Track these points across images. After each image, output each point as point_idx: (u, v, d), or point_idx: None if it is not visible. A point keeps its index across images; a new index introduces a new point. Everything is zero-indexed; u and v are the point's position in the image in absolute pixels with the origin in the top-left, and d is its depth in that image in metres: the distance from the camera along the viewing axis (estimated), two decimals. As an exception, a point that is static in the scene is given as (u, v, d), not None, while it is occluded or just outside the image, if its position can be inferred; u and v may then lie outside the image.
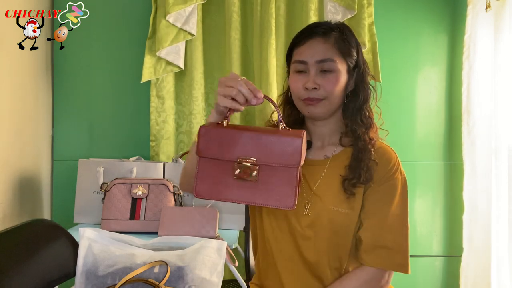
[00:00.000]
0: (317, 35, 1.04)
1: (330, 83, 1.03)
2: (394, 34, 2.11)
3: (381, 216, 1.05)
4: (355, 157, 1.06)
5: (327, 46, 1.03)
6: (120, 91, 2.09)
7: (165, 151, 2.01)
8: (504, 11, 1.77)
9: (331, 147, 1.12)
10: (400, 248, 1.04)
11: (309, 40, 1.05)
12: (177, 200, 1.74)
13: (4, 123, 1.66)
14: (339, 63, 1.04)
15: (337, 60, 1.03)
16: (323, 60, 1.03)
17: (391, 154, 1.09)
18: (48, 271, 1.23)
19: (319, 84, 1.03)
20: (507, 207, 1.77)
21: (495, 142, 1.84)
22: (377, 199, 1.05)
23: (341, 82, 1.04)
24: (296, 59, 1.06)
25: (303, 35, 1.07)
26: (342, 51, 1.04)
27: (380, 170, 1.05)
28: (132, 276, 1.23)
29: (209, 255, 1.33)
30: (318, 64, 1.03)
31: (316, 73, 1.03)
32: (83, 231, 1.33)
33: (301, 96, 1.05)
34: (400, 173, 1.07)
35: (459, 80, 2.03)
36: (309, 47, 1.04)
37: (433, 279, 2.15)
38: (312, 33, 1.05)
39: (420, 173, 2.12)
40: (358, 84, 1.09)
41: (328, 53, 1.03)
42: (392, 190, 1.06)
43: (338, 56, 1.04)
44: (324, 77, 1.03)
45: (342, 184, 1.04)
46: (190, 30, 1.94)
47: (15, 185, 1.74)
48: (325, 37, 1.04)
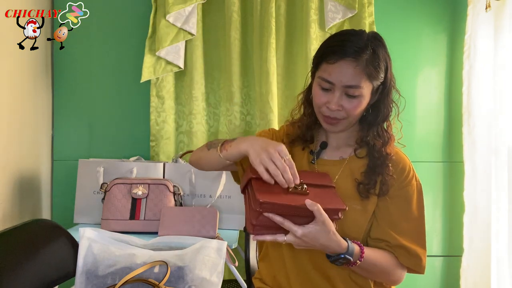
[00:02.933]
0: (349, 56, 1.00)
1: (353, 107, 1.04)
2: (394, 34, 2.11)
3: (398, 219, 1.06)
4: (371, 168, 1.07)
5: (356, 71, 1.01)
6: (120, 91, 2.08)
7: (165, 151, 2.01)
8: (504, 11, 1.77)
9: (347, 149, 1.13)
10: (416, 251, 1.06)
11: (340, 60, 1.01)
12: (177, 200, 1.74)
13: (4, 123, 1.66)
14: (365, 87, 1.03)
15: (363, 86, 1.02)
16: (351, 86, 1.02)
17: (405, 161, 1.11)
18: (48, 271, 1.23)
19: (342, 106, 1.04)
20: (507, 207, 1.77)
21: (495, 142, 1.84)
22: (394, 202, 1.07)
23: (363, 104, 1.05)
24: (323, 77, 1.04)
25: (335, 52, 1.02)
26: (370, 75, 1.02)
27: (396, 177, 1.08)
28: (132, 276, 1.23)
29: (209, 255, 1.33)
30: (344, 88, 1.03)
31: (341, 96, 1.03)
32: (83, 231, 1.33)
33: (323, 112, 1.07)
34: (415, 180, 1.11)
35: (459, 80, 2.03)
36: (339, 68, 1.01)
37: (433, 279, 2.15)
38: (345, 53, 1.01)
39: (420, 173, 2.08)
40: (380, 100, 1.09)
41: (357, 79, 1.01)
42: (409, 195, 1.08)
43: (365, 80, 1.02)
44: (348, 100, 1.03)
45: (357, 187, 1.06)
46: (190, 30, 1.94)
47: (15, 185, 1.74)
48: (356, 60, 1.00)
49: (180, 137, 2.07)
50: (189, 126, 2.04)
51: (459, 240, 2.01)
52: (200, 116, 2.04)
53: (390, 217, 1.06)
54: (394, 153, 1.10)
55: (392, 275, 1.07)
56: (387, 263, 1.06)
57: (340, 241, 0.97)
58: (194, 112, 2.02)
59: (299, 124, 1.18)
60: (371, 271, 1.05)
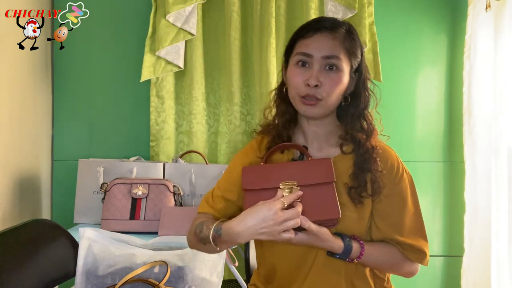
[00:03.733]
0: (325, 29, 0.99)
1: (333, 82, 0.98)
2: (394, 34, 2.11)
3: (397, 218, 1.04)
4: (358, 166, 1.03)
5: (335, 42, 0.99)
6: (120, 91, 2.08)
7: (165, 151, 2.01)
8: (504, 11, 1.77)
9: (329, 150, 1.08)
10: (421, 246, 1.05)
11: (317, 33, 0.99)
12: (177, 200, 1.74)
13: (4, 123, 1.66)
14: (344, 62, 0.99)
15: (343, 59, 0.99)
16: (330, 56, 0.98)
17: (393, 156, 1.07)
18: (48, 271, 1.23)
19: (321, 82, 0.98)
20: (507, 207, 1.77)
21: (495, 142, 1.84)
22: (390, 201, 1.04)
23: (343, 82, 1.00)
24: (300, 51, 1.00)
25: (310, 26, 1.01)
26: (349, 50, 1.00)
27: (387, 175, 1.04)
28: (132, 276, 1.23)
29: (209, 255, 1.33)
30: (323, 60, 0.98)
31: (320, 69, 0.98)
32: (83, 231, 1.33)
33: (301, 93, 1.00)
34: (406, 173, 1.07)
35: (459, 80, 2.03)
36: (316, 40, 0.99)
37: (433, 279, 2.15)
38: (321, 26, 1.00)
39: (420, 173, 2.12)
40: (359, 88, 1.05)
41: (336, 50, 0.98)
42: (403, 190, 1.05)
43: (344, 54, 0.99)
44: (327, 75, 0.98)
45: (348, 192, 1.02)
46: (190, 30, 1.94)
47: (15, 185, 1.73)
48: (334, 32, 0.99)
49: (180, 137, 2.06)
50: (189, 126, 2.04)
51: (460, 240, 2.01)
52: (200, 116, 2.04)
53: (389, 218, 1.04)
54: (382, 148, 1.06)
55: (402, 268, 1.07)
56: (392, 257, 1.05)
57: (334, 243, 0.97)
58: (194, 112, 2.02)
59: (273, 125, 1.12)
60: (376, 266, 1.05)
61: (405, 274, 1.09)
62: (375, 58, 1.98)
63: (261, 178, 0.99)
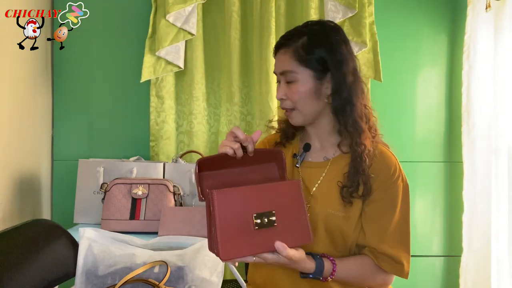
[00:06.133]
0: (281, 47, 1.07)
1: (293, 93, 1.05)
2: (394, 34, 2.11)
3: (383, 224, 1.04)
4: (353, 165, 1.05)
5: (286, 57, 1.06)
6: (120, 91, 2.09)
7: (165, 151, 2.01)
8: (504, 11, 1.77)
9: (331, 149, 1.11)
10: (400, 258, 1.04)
11: (276, 52, 1.09)
12: (177, 200, 1.74)
13: (4, 123, 1.66)
14: (299, 72, 1.04)
15: (296, 70, 1.04)
16: (282, 72, 1.06)
17: (391, 160, 1.06)
18: (48, 271, 1.23)
19: (286, 94, 1.07)
20: (507, 207, 1.77)
21: (495, 142, 1.84)
22: (379, 206, 1.04)
23: (303, 90, 1.04)
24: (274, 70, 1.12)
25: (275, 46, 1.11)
26: (300, 60, 1.04)
27: (381, 177, 1.04)
28: (132, 276, 1.23)
29: (209, 255, 1.33)
30: (281, 76, 1.07)
31: (284, 84, 1.07)
32: (83, 231, 1.33)
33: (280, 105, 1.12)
34: (402, 180, 1.06)
35: (459, 80, 2.03)
36: (277, 59, 1.09)
37: (433, 279, 2.15)
38: (278, 45, 1.09)
39: (420, 173, 2.12)
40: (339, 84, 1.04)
41: (285, 65, 1.05)
42: (394, 197, 1.04)
43: (298, 65, 1.04)
44: (288, 87, 1.06)
45: (340, 191, 1.04)
46: (190, 30, 1.94)
47: (15, 185, 1.74)
48: (285, 47, 1.06)
49: (180, 137, 2.07)
50: (189, 126, 2.04)
51: (459, 240, 2.01)
52: (200, 116, 2.04)
53: (375, 222, 1.04)
54: (380, 151, 1.06)
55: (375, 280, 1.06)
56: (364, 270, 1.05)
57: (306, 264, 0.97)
58: (195, 112, 2.03)
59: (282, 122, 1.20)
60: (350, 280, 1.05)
61: (377, 286, 1.08)
62: (375, 57, 1.98)
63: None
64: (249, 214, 0.88)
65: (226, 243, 0.85)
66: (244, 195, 0.89)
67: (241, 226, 0.87)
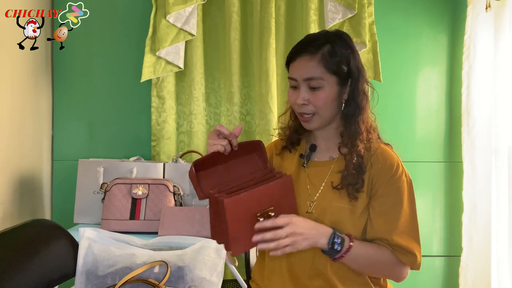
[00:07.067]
0: (305, 52, 1.07)
1: (318, 99, 1.07)
2: (394, 34, 2.11)
3: (393, 216, 1.07)
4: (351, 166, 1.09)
5: (313, 63, 1.06)
6: (120, 91, 2.09)
7: (165, 151, 2.01)
8: (504, 11, 1.77)
9: (335, 150, 1.15)
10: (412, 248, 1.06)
11: (298, 57, 1.09)
12: (177, 200, 1.74)
13: (4, 123, 1.66)
14: (325, 79, 1.06)
15: (323, 77, 1.06)
16: (309, 78, 1.06)
17: (393, 157, 1.11)
18: (48, 271, 1.23)
19: (308, 100, 1.07)
20: (507, 207, 1.77)
21: (495, 142, 1.84)
22: (386, 200, 1.08)
23: (329, 96, 1.07)
24: (289, 76, 1.11)
25: (293, 52, 1.11)
26: (328, 67, 1.06)
27: (385, 174, 1.08)
28: (132, 276, 1.23)
29: (209, 255, 1.33)
30: (305, 81, 1.07)
31: (306, 89, 1.08)
32: (83, 231, 1.33)
33: (296, 110, 1.12)
34: (405, 175, 1.10)
35: (459, 80, 2.03)
36: (298, 64, 1.09)
37: (433, 279, 2.15)
38: (300, 50, 1.09)
39: (420, 173, 2.12)
40: (353, 92, 1.10)
41: (312, 71, 1.06)
42: (400, 191, 1.08)
43: (325, 72, 1.06)
44: (313, 93, 1.07)
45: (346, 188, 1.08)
46: (190, 30, 1.94)
47: (15, 185, 1.74)
48: (312, 54, 1.07)
49: (180, 137, 2.07)
50: (190, 126, 2.04)
51: (459, 240, 2.00)
52: (200, 116, 2.04)
53: (384, 216, 1.07)
54: (382, 150, 1.11)
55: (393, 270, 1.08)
56: (384, 257, 1.06)
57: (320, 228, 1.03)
58: (195, 112, 2.03)
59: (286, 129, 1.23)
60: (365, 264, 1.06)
61: (395, 278, 1.10)
62: (375, 58, 1.98)
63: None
64: (254, 214, 0.99)
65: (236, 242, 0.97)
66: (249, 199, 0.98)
67: (248, 225, 0.97)
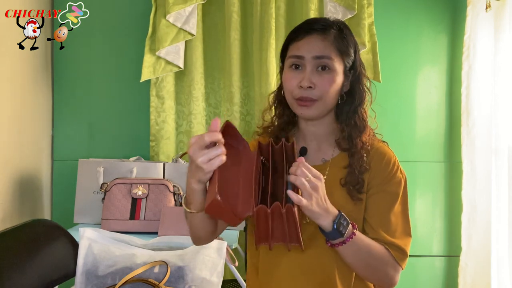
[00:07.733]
0: (315, 31, 1.00)
1: (326, 82, 0.98)
2: (394, 34, 2.11)
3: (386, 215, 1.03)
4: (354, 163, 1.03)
5: (325, 43, 0.99)
6: (120, 91, 2.09)
7: (165, 151, 2.01)
8: (504, 11, 1.77)
9: (328, 149, 1.08)
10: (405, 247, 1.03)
11: (307, 35, 1.00)
12: (177, 200, 1.74)
13: (4, 123, 1.66)
14: (336, 62, 1.00)
15: (334, 59, 0.99)
16: (321, 56, 0.98)
17: (390, 154, 1.07)
18: (48, 271, 1.23)
19: (314, 83, 0.98)
20: (507, 207, 1.77)
21: (495, 142, 1.84)
22: (381, 198, 1.04)
23: (337, 82, 1.00)
24: (292, 54, 1.02)
25: (301, 30, 1.02)
26: (340, 50, 1.00)
27: (382, 172, 1.04)
28: (132, 276, 1.23)
29: (209, 255, 1.33)
30: (315, 60, 0.99)
31: (312, 71, 0.99)
32: (83, 231, 1.34)
33: (295, 95, 1.00)
34: (400, 172, 1.06)
35: (459, 80, 2.03)
36: (307, 42, 1.00)
37: (433, 279, 2.15)
38: (311, 29, 1.01)
39: (420, 173, 2.12)
40: (354, 85, 1.05)
41: (326, 50, 0.99)
42: (396, 189, 1.04)
43: (336, 54, 1.00)
44: (320, 75, 0.99)
45: (348, 191, 1.02)
46: (190, 30, 1.94)
47: (15, 185, 1.74)
48: (324, 34, 1.00)
49: (180, 137, 2.07)
50: (189, 126, 2.04)
51: (459, 240, 2.00)
52: (200, 116, 2.04)
53: (379, 214, 1.03)
54: (378, 147, 1.06)
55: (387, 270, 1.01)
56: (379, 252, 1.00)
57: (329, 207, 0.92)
58: (194, 112, 2.03)
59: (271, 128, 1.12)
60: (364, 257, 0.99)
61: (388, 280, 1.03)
62: (375, 58, 1.98)
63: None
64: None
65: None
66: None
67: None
